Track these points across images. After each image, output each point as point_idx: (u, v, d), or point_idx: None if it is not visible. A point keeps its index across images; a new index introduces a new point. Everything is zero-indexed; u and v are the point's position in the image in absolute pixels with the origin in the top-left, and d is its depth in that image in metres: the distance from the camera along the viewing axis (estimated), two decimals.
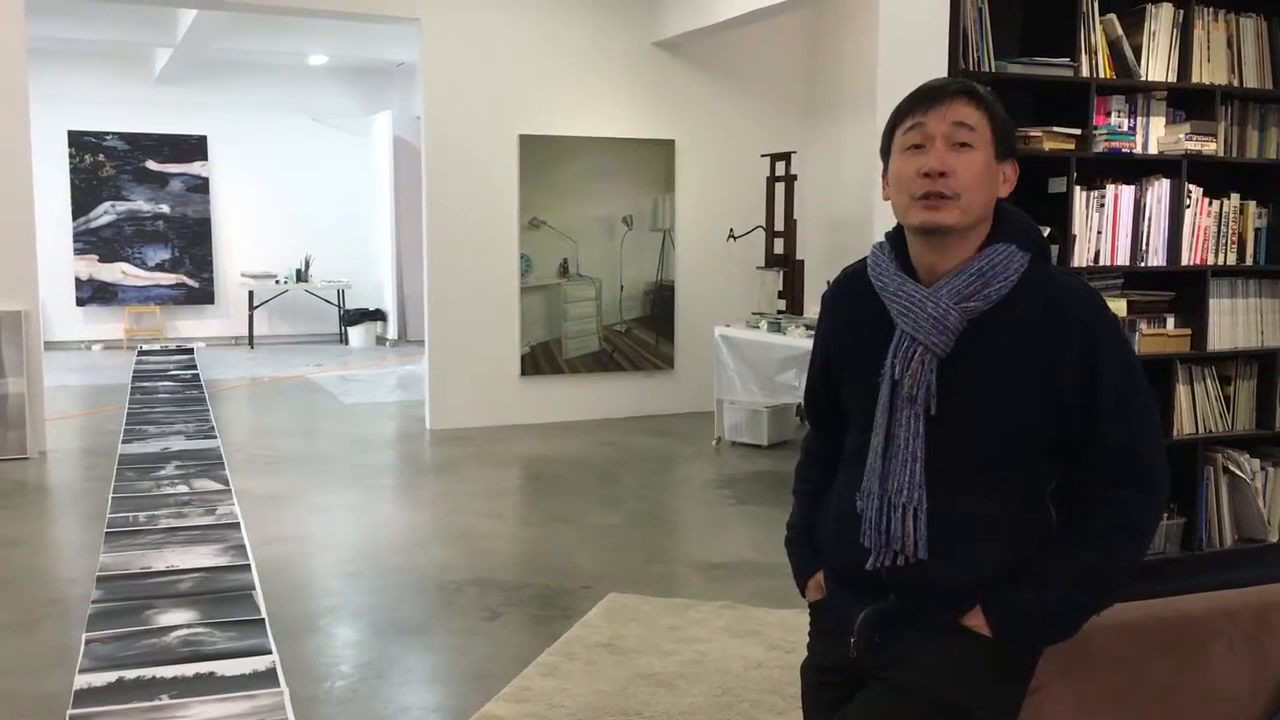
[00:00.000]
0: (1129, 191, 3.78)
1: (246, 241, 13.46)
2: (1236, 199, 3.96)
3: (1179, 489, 3.95)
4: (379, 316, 13.61)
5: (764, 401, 7.08)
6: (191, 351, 12.36)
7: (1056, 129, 3.63)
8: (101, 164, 12.82)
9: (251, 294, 13.22)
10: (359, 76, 13.70)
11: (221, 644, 3.79)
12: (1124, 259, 3.79)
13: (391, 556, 4.94)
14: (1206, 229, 3.90)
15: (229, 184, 13.36)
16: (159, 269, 13.19)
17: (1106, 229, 3.74)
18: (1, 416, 6.70)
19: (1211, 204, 3.90)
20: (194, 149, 13.17)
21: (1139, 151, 3.81)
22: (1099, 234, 3.73)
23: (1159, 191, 3.81)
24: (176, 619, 4.03)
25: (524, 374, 8.15)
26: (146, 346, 12.72)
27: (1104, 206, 3.73)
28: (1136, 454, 1.70)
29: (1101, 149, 3.72)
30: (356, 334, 13.40)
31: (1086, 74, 3.70)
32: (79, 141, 12.69)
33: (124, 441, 7.29)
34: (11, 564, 4.79)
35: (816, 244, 8.38)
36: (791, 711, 3.18)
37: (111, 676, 3.50)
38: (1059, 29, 3.71)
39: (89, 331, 12.99)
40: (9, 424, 6.72)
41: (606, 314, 8.36)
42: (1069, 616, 1.72)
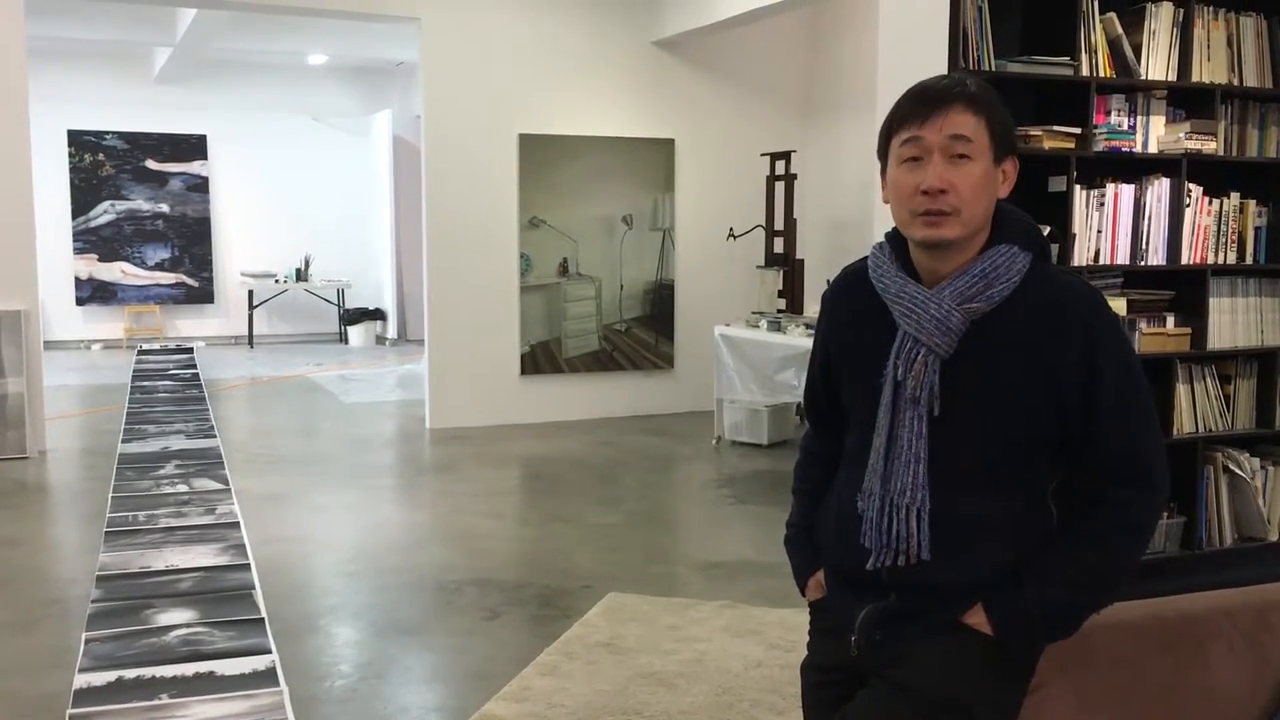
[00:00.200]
0: (1129, 190, 3.78)
1: (246, 241, 13.46)
2: (1236, 198, 3.96)
3: (1179, 488, 3.95)
4: (379, 316, 13.61)
5: (764, 401, 7.08)
6: (191, 351, 12.36)
7: (1056, 128, 3.63)
8: (101, 163, 12.81)
9: (251, 293, 13.22)
10: (359, 76, 13.70)
11: (221, 643, 3.79)
12: (1124, 258, 3.79)
13: (391, 556, 4.94)
14: (1206, 228, 3.90)
15: (229, 183, 13.36)
16: (158, 268, 13.18)
17: (1106, 228, 3.74)
18: (1, 416, 6.70)
19: (1211, 203, 3.90)
20: (194, 148, 13.17)
21: (1139, 150, 3.81)
22: (1099, 233, 3.73)
23: (1159, 190, 3.81)
24: (176, 618, 4.03)
25: (524, 373, 8.15)
26: (146, 346, 12.72)
27: (1104, 205, 3.73)
28: (1137, 453, 1.70)
29: (1101, 148, 3.72)
30: (356, 333, 13.39)
31: (1086, 73, 3.70)
32: (78, 141, 12.69)
33: (123, 441, 7.29)
34: (11, 564, 4.79)
35: (816, 243, 8.37)
36: (792, 711, 3.18)
37: (111, 676, 3.50)
38: (1059, 28, 3.71)
39: (88, 331, 12.99)
40: (8, 423, 6.72)
41: (606, 313, 8.36)
42: (1070, 615, 1.72)
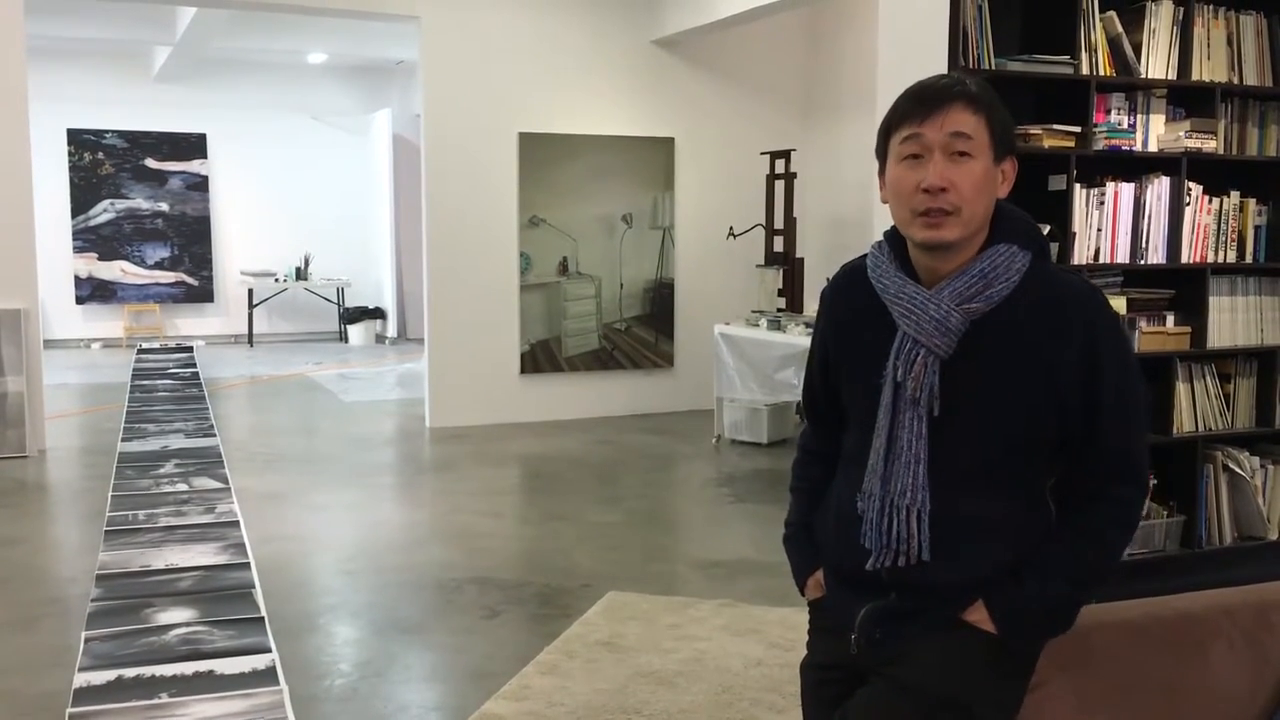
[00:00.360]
0: (1129, 189, 3.78)
1: (246, 240, 13.46)
2: (1236, 196, 3.96)
3: (1179, 487, 3.95)
4: (378, 314, 13.60)
5: (764, 399, 7.08)
6: (191, 350, 12.36)
7: (1056, 127, 3.63)
8: (101, 162, 12.81)
9: (251, 292, 13.22)
10: (358, 75, 13.70)
11: (221, 642, 3.79)
12: (1124, 257, 3.79)
13: (391, 555, 4.94)
14: (1206, 227, 3.90)
15: (228, 182, 13.36)
16: (158, 267, 13.18)
17: (1106, 227, 3.74)
18: (1, 415, 6.70)
19: (1211, 201, 3.90)
20: (193, 147, 13.16)
21: (1139, 149, 3.81)
22: (1099, 232, 3.73)
23: (1159, 189, 3.81)
24: (176, 617, 4.03)
25: (523, 372, 8.15)
26: (146, 345, 12.72)
27: (1104, 204, 3.73)
28: (1131, 452, 1.72)
29: (1101, 147, 3.72)
30: (356, 332, 13.39)
31: (1086, 71, 3.70)
32: (78, 140, 12.69)
33: (123, 440, 7.29)
34: (11, 562, 4.79)
35: (816, 242, 8.37)
36: (791, 709, 3.18)
37: (111, 675, 3.50)
38: (1059, 26, 3.71)
39: (88, 330, 12.99)
40: (8, 422, 6.72)
41: (606, 312, 8.35)
42: (1069, 610, 1.75)
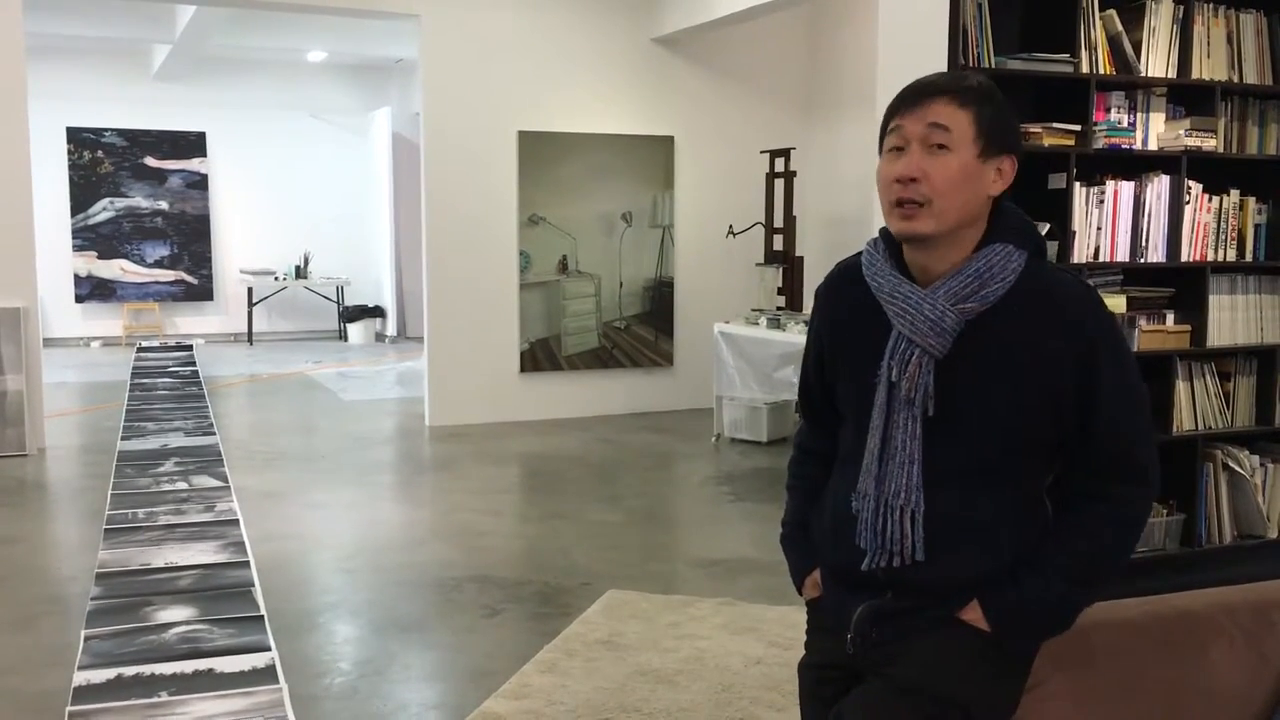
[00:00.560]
0: (1129, 187, 3.78)
1: (245, 238, 13.45)
2: (1236, 195, 3.96)
3: (1179, 486, 3.96)
4: (378, 313, 13.60)
5: (763, 398, 7.08)
6: (190, 348, 12.35)
7: (1056, 125, 3.63)
8: (100, 160, 12.80)
9: (250, 291, 13.21)
10: (358, 73, 13.69)
11: (220, 641, 3.79)
12: (1124, 255, 3.79)
13: (390, 553, 4.94)
14: (1206, 225, 3.90)
15: (228, 180, 13.35)
16: (158, 266, 13.17)
17: (1106, 225, 3.74)
18: (0, 413, 6.70)
19: (1211, 200, 3.90)
20: (193, 145, 13.15)
21: (1139, 147, 3.81)
22: (1099, 230, 3.73)
23: (1159, 188, 3.81)
24: (175, 616, 4.03)
25: (523, 371, 8.14)
26: (145, 343, 12.71)
27: (1104, 203, 3.73)
28: (1133, 451, 1.70)
29: (1101, 145, 3.72)
30: (355, 331, 13.39)
31: (1086, 70, 3.70)
32: (77, 138, 12.68)
33: (123, 438, 7.29)
34: (10, 561, 4.79)
35: (816, 240, 8.37)
36: (790, 708, 3.18)
37: (110, 673, 3.50)
38: (1059, 25, 3.71)
39: (88, 328, 12.98)
40: (8, 421, 6.72)
41: (606, 311, 8.35)
42: (1065, 610, 1.72)
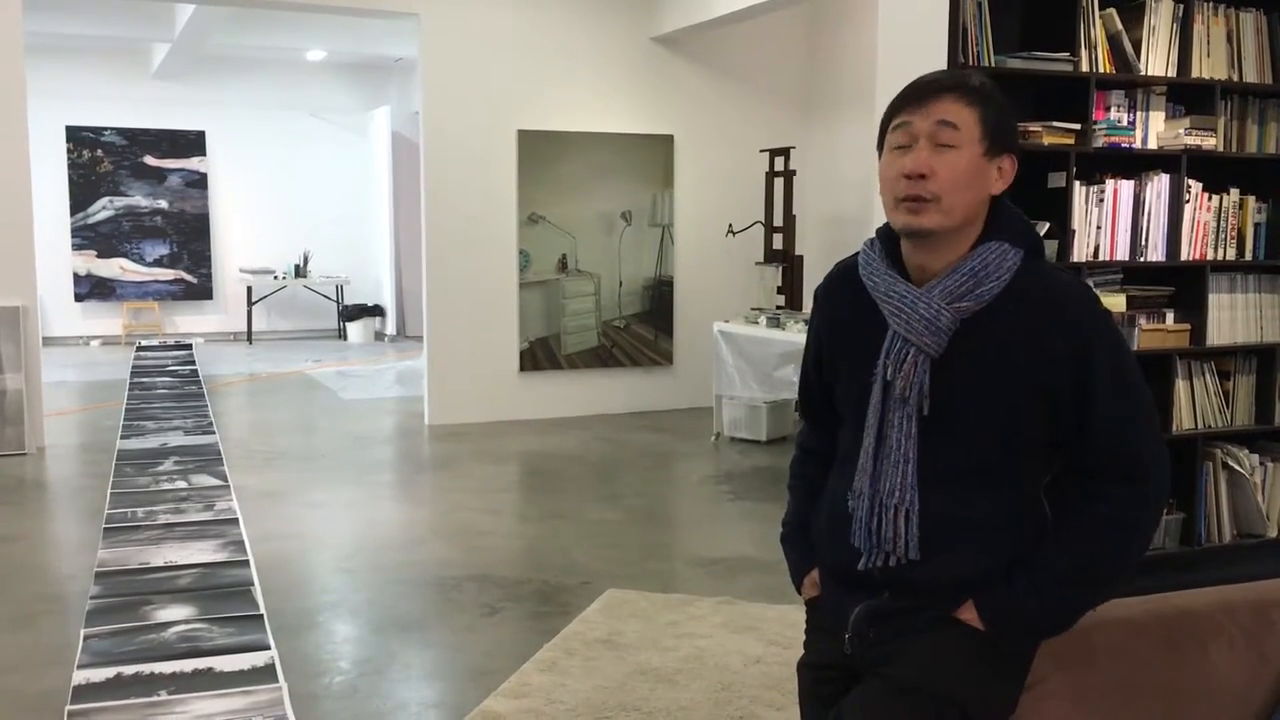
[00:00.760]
0: (1128, 186, 3.77)
1: (245, 237, 13.44)
2: (1236, 194, 3.96)
3: (1179, 485, 3.95)
4: (377, 312, 13.60)
5: (763, 397, 7.08)
6: (190, 347, 12.35)
7: (1056, 124, 3.63)
8: (100, 159, 12.80)
9: (250, 289, 13.21)
10: (357, 72, 13.68)
11: (220, 640, 3.79)
12: (1123, 254, 3.79)
13: (390, 552, 4.94)
14: (1206, 224, 3.90)
15: (227, 179, 13.35)
16: (157, 265, 13.17)
17: (1106, 224, 3.74)
18: (0, 412, 6.70)
19: (1211, 199, 3.90)
20: (192, 144, 13.15)
21: (1138, 146, 3.81)
22: (1098, 229, 3.73)
23: (1158, 186, 3.81)
24: (175, 615, 4.03)
25: (523, 370, 8.14)
26: (145, 342, 12.70)
27: (1103, 202, 3.73)
28: (1130, 450, 1.69)
29: (1101, 144, 3.72)
30: (355, 330, 13.38)
31: (1086, 69, 3.70)
32: (77, 137, 12.67)
33: (122, 437, 7.29)
34: (10, 560, 4.79)
35: (815, 239, 8.37)
36: (790, 707, 3.18)
37: (110, 672, 3.50)
38: (1059, 24, 3.71)
39: (87, 327, 12.98)
40: (7, 420, 6.71)
41: (605, 310, 8.35)
42: (1062, 611, 1.71)
